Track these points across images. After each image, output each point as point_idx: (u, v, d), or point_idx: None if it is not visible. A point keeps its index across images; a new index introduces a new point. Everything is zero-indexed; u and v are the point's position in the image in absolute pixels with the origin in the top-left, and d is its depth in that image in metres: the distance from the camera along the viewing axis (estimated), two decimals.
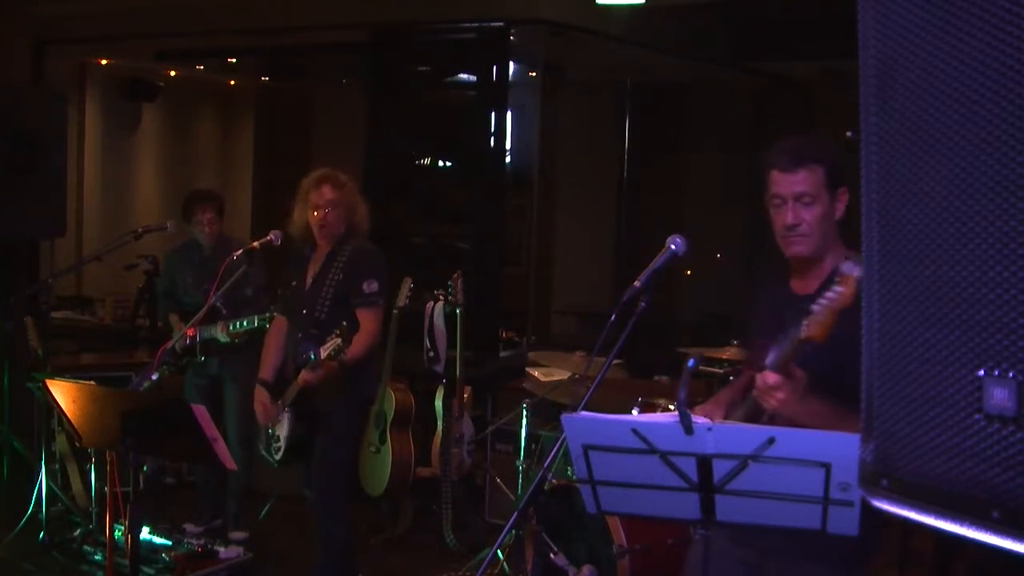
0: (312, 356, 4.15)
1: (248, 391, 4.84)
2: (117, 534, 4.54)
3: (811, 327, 2.23)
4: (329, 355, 4.08)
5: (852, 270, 2.19)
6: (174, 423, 3.48)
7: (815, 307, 2.23)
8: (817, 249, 2.64)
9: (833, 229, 2.64)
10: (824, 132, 9.27)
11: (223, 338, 5.41)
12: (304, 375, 4.25)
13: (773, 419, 2.46)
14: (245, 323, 5.23)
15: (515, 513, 2.60)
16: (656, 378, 6.19)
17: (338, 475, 4.49)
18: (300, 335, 4.41)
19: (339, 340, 4.06)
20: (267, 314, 4.98)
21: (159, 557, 4.92)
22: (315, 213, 4.39)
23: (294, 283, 4.53)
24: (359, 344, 4.28)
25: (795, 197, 2.60)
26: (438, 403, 5.78)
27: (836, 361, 2.47)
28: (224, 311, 5.42)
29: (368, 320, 4.38)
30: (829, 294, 2.20)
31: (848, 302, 2.19)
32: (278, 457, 4.54)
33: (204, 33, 8.90)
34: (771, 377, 2.37)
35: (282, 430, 4.48)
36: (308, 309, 4.41)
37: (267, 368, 4.58)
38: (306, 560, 4.66)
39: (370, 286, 4.38)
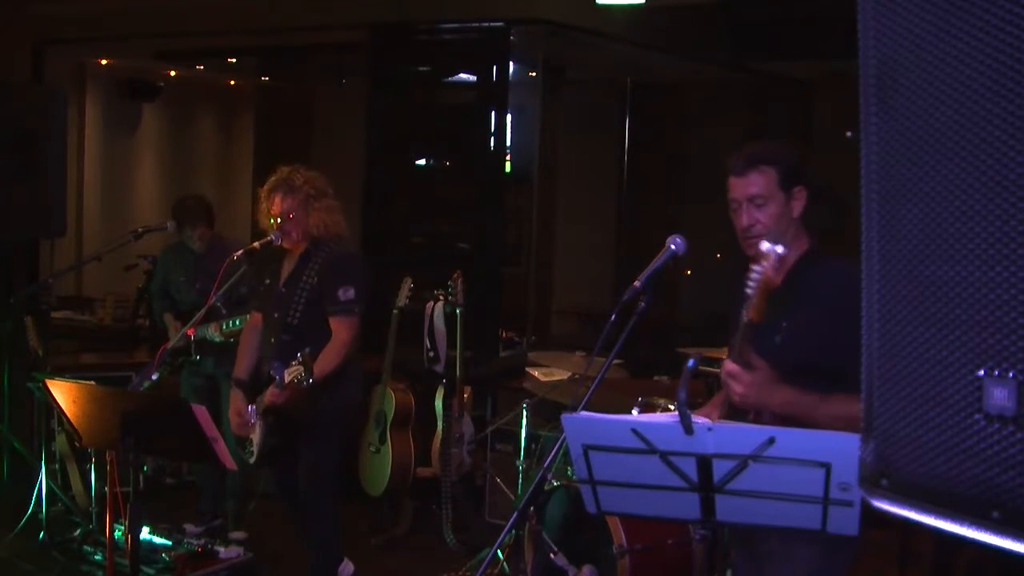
0: (278, 377, 3.99)
1: None
2: (117, 534, 4.54)
3: (748, 311, 2.35)
4: (291, 382, 3.95)
5: (770, 248, 2.28)
6: (174, 423, 3.48)
7: (747, 291, 2.37)
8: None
9: (793, 226, 2.74)
10: (824, 132, 9.29)
11: (217, 338, 5.40)
12: (270, 395, 4.15)
13: (760, 414, 2.49)
14: (239, 322, 5.21)
15: (515, 513, 2.60)
16: (656, 378, 6.18)
17: (320, 483, 4.39)
18: (272, 339, 4.33)
19: (300, 368, 3.89)
20: None
21: (159, 557, 4.91)
22: (271, 223, 4.30)
23: (267, 281, 4.44)
24: (330, 356, 4.17)
25: (748, 199, 2.71)
26: (438, 403, 5.78)
27: (811, 348, 2.53)
28: (224, 311, 5.42)
29: (342, 329, 4.26)
30: (752, 275, 2.33)
31: (771, 279, 2.31)
32: (252, 461, 4.44)
33: (204, 33, 8.90)
34: (728, 366, 2.47)
35: (255, 437, 4.38)
36: (280, 312, 4.32)
37: (242, 367, 4.50)
38: (305, 560, 4.66)
39: (346, 293, 4.26)
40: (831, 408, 2.44)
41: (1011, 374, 1.02)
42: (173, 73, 11.23)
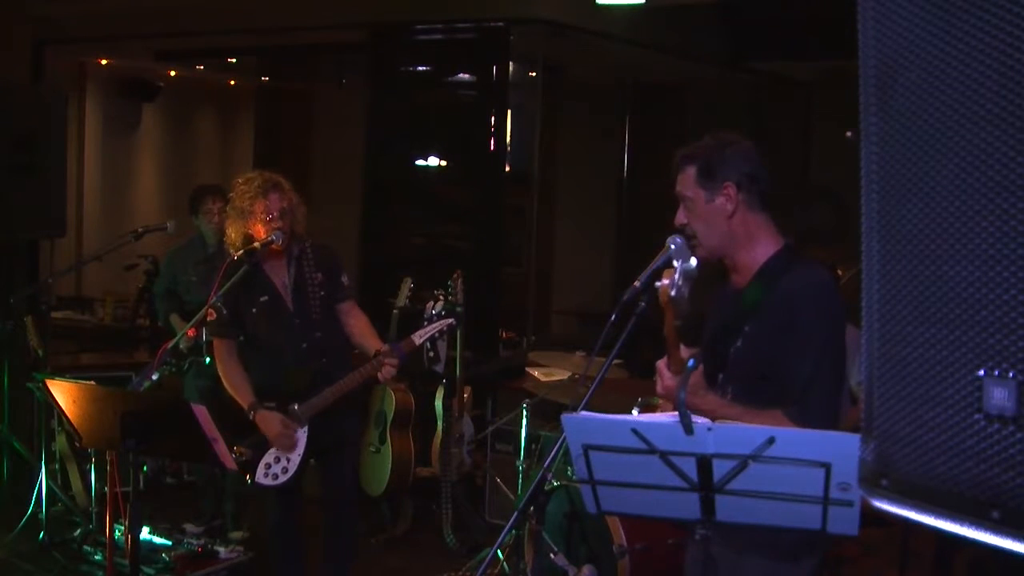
0: (397, 350, 4.19)
1: None
2: (117, 534, 4.54)
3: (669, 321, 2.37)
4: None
5: (674, 260, 2.31)
6: (174, 423, 3.48)
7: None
8: (715, 250, 2.69)
9: (732, 225, 2.65)
10: (824, 132, 9.29)
11: None
12: (387, 370, 4.18)
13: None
14: None
15: (515, 513, 2.60)
16: (656, 378, 6.17)
17: (356, 485, 4.62)
18: (305, 345, 4.25)
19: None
20: None
21: (159, 557, 4.91)
22: (270, 223, 4.17)
23: (263, 299, 4.28)
24: (374, 334, 4.36)
25: (680, 199, 2.70)
26: (438, 403, 5.78)
27: (762, 358, 2.51)
28: (225, 311, 5.40)
29: (359, 310, 4.43)
30: (658, 286, 2.33)
31: (663, 298, 2.29)
32: (284, 480, 4.18)
33: (204, 33, 8.90)
34: (661, 363, 2.52)
35: (293, 451, 4.20)
36: (302, 316, 4.26)
37: (247, 392, 4.23)
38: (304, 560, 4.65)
39: (347, 279, 4.44)
40: (759, 424, 2.40)
41: (1011, 374, 1.02)
42: (173, 73, 11.22)
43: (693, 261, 2.33)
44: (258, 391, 4.25)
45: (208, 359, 5.55)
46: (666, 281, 2.29)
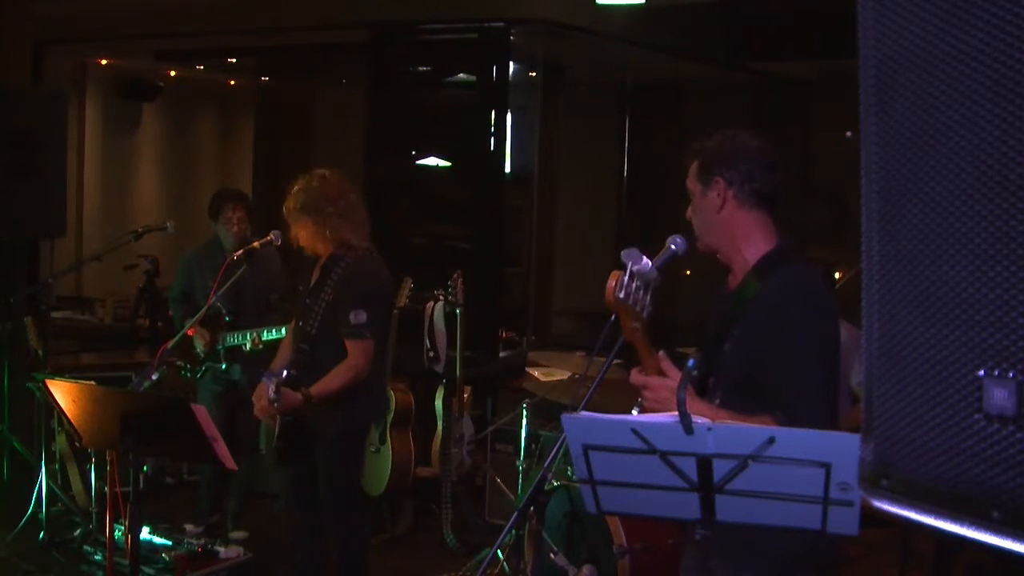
0: (270, 388, 3.93)
1: None
2: (117, 534, 4.54)
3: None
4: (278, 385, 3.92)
5: (626, 257, 2.36)
6: (174, 423, 3.48)
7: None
8: (710, 245, 2.69)
9: (721, 220, 2.64)
10: (824, 132, 9.29)
11: (250, 346, 5.32)
12: (258, 409, 4.09)
13: None
14: (274, 332, 5.10)
15: (515, 513, 2.60)
16: None
17: (339, 496, 4.33)
18: (295, 348, 4.29)
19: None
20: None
21: (159, 557, 4.91)
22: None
23: (300, 288, 4.41)
24: (337, 377, 4.10)
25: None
26: (438, 403, 5.77)
27: (749, 360, 2.50)
28: (224, 311, 5.40)
29: (354, 353, 4.13)
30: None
31: (608, 298, 2.39)
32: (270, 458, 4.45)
33: (204, 33, 8.91)
34: (634, 378, 2.54)
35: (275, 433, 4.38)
36: (303, 321, 4.28)
37: (277, 362, 4.36)
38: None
39: (357, 317, 4.12)
40: None
41: (1011, 374, 1.02)
42: (173, 73, 11.24)
43: (648, 264, 2.32)
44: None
45: (224, 365, 5.53)
46: (613, 283, 2.30)
